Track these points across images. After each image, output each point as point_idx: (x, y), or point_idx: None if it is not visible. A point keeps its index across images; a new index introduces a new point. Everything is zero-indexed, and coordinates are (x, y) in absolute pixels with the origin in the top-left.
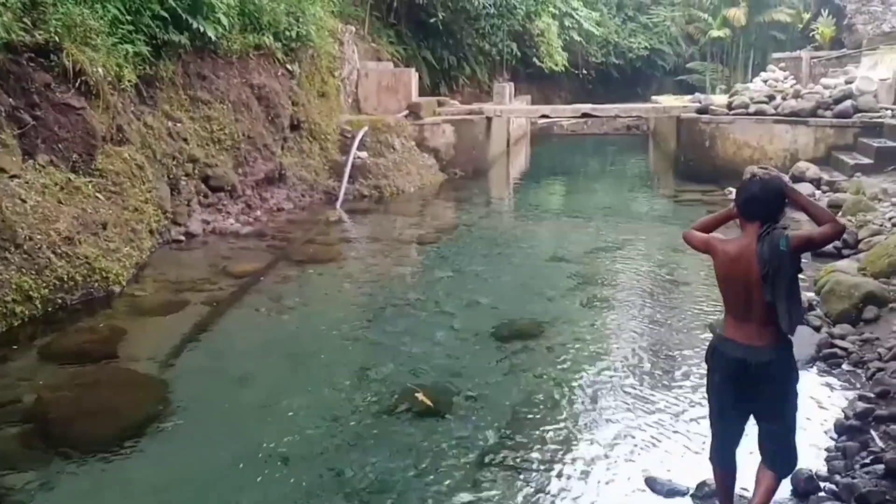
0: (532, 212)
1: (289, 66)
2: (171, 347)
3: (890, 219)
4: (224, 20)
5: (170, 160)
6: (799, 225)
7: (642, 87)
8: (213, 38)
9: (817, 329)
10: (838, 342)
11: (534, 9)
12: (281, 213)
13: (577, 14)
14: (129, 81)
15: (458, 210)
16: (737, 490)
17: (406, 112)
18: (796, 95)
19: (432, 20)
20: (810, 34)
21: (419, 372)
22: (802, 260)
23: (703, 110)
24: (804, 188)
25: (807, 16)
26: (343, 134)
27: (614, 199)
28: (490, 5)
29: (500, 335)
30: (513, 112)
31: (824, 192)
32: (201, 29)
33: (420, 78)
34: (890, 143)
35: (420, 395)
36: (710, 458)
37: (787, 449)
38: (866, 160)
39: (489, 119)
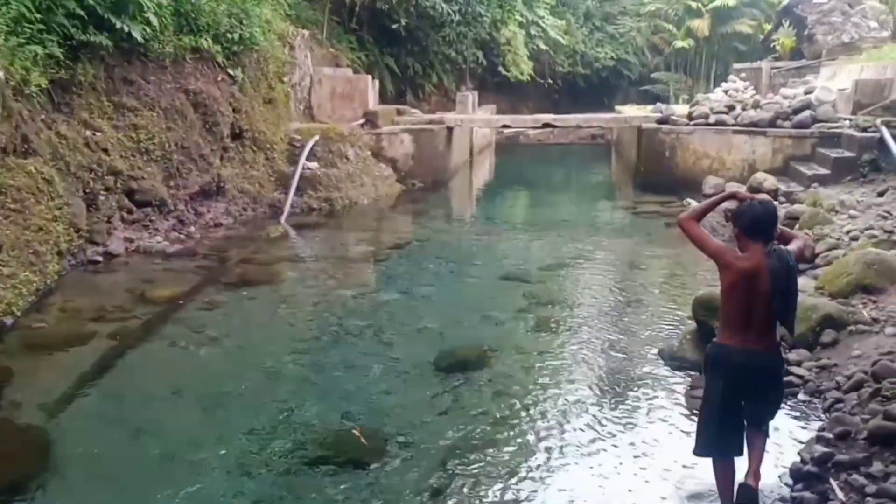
0: (489, 225)
1: (230, 71)
2: (64, 391)
3: (848, 232)
4: (154, 20)
5: (87, 173)
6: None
7: (608, 96)
8: (141, 39)
9: None
10: (794, 369)
11: (500, 17)
12: (218, 228)
13: (544, 22)
14: (37, 86)
15: (413, 224)
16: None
17: (362, 121)
18: (755, 106)
19: (395, 26)
20: (771, 45)
21: (349, 414)
22: None
23: (663, 120)
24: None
25: (768, 27)
26: (292, 143)
27: (574, 211)
28: (455, 12)
29: (441, 366)
30: (473, 122)
31: (781, 203)
32: (126, 29)
33: (383, 85)
34: (847, 154)
35: (357, 433)
36: (703, 454)
37: (774, 415)
38: (824, 171)
39: (450, 129)
